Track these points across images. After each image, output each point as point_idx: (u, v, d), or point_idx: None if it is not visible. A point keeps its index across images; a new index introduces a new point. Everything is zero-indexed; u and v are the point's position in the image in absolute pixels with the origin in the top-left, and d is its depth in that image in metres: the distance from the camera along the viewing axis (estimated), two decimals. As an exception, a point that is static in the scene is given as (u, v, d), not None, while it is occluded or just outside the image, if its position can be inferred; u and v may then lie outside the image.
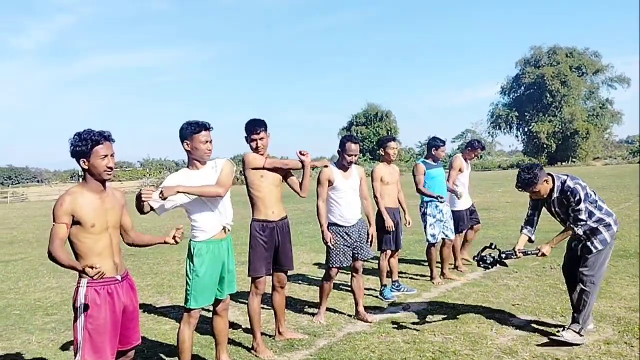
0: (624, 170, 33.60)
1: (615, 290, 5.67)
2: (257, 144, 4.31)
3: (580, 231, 4.19)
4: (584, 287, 4.24)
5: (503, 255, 4.37)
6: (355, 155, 4.99)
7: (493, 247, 4.39)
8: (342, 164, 5.01)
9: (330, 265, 5.04)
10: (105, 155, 2.89)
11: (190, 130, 3.64)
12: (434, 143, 6.46)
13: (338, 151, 5.06)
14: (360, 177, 5.16)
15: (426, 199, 6.41)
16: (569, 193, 4.19)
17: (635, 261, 7.02)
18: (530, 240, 4.54)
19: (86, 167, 2.89)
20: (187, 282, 3.69)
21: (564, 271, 4.70)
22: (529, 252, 4.38)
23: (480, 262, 4.42)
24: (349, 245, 5.01)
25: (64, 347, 4.69)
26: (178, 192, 3.46)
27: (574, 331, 4.18)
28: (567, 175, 4.28)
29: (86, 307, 2.87)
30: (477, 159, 7.40)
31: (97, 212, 2.91)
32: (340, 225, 4.99)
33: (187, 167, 3.77)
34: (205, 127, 3.66)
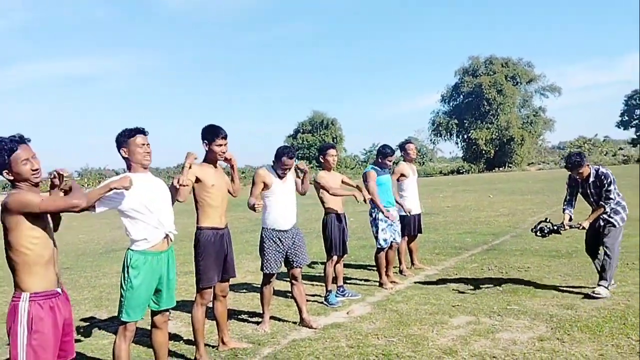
0: (557, 174, 35.33)
1: (548, 289, 5.93)
2: (221, 149, 4.25)
3: (609, 208, 5.48)
4: (608, 253, 5.51)
5: (555, 227, 5.64)
6: (289, 168, 5.02)
7: (547, 220, 5.78)
8: (277, 173, 5.01)
9: (264, 271, 5.04)
10: (27, 159, 2.75)
11: (126, 136, 3.54)
12: (384, 151, 6.53)
13: (273, 161, 5.05)
14: (294, 179, 5.22)
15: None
16: (603, 177, 5.47)
17: (565, 261, 7.38)
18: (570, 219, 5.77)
19: (12, 178, 2.75)
20: (121, 294, 3.54)
21: (587, 246, 5.89)
22: (574, 226, 5.63)
23: (539, 232, 5.71)
24: (281, 251, 5.01)
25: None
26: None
27: (604, 287, 5.43)
28: (598, 165, 5.71)
29: (30, 323, 2.72)
30: (416, 162, 7.54)
31: (39, 218, 2.77)
32: (274, 230, 4.99)
33: (129, 172, 3.62)
34: (140, 131, 3.57)
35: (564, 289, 5.89)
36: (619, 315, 4.81)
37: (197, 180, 4.19)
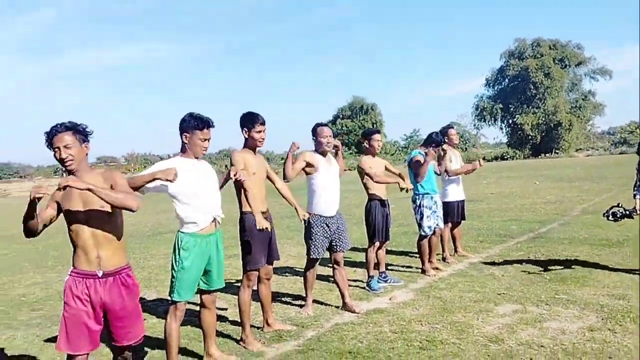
0: (606, 161, 34.08)
1: (598, 278, 5.76)
2: (260, 135, 4.31)
3: None
4: None
5: (628, 212, 5.79)
6: (330, 136, 4.99)
7: (619, 205, 5.93)
8: (319, 151, 5.02)
9: (310, 256, 5.07)
10: (58, 147, 2.89)
11: (193, 125, 3.62)
12: (437, 139, 6.44)
13: (313, 139, 5.04)
14: (340, 167, 5.21)
15: (421, 191, 6.41)
16: None
17: (616, 250, 7.14)
18: None
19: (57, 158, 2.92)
20: (172, 275, 3.67)
21: None
22: None
23: (611, 216, 5.90)
24: (327, 236, 5.03)
25: (50, 342, 4.65)
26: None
27: None
28: None
29: (64, 295, 2.92)
30: (458, 147, 7.41)
31: (71, 206, 2.90)
32: (320, 216, 5.00)
33: (181, 155, 3.72)
34: (208, 124, 3.65)
35: (615, 278, 5.70)
36: (675, 307, 4.63)
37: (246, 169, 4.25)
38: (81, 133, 2.93)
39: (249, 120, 4.33)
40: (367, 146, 5.96)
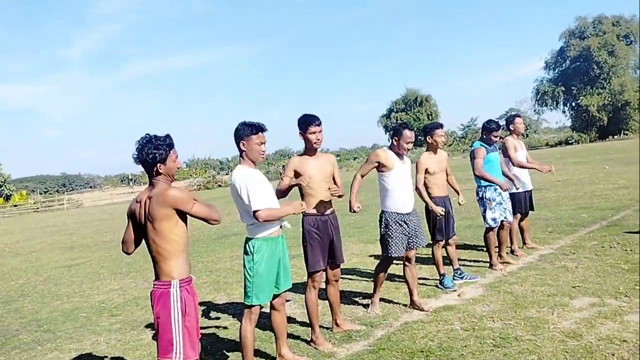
0: (682, 140, 31.99)
1: (682, 267, 5.43)
2: (316, 136, 4.34)
3: None
4: None
5: None
6: (412, 143, 4.92)
7: None
8: (397, 152, 4.94)
9: (389, 255, 4.98)
10: (176, 157, 3.12)
11: (247, 132, 3.72)
12: (488, 126, 6.29)
13: (394, 139, 4.94)
14: (410, 164, 5.13)
15: (484, 183, 6.26)
16: None
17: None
18: None
19: (162, 171, 3.07)
20: (246, 279, 3.77)
21: None
22: None
23: None
24: (406, 233, 4.97)
25: (131, 347, 4.88)
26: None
27: None
28: None
29: (183, 307, 3.01)
30: (522, 136, 7.11)
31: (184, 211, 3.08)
32: (399, 213, 4.94)
33: (242, 164, 3.82)
34: (261, 129, 3.74)
35: (702, 267, 5.36)
36: None
37: (297, 174, 4.31)
38: None
39: (304, 123, 4.37)
40: (429, 142, 5.83)
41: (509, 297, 5.08)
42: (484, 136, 6.32)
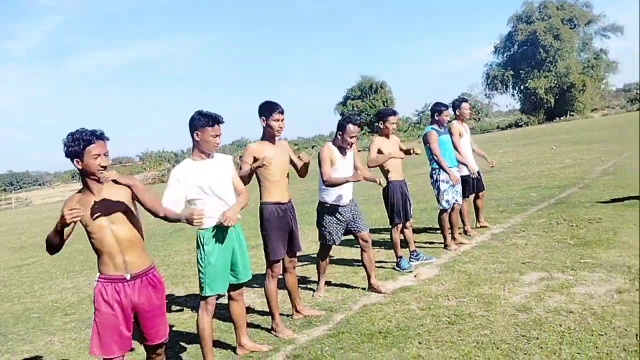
0: (623, 119, 33.49)
1: (623, 239, 5.72)
2: (279, 124, 4.29)
3: None
4: None
5: None
6: (356, 137, 4.96)
7: None
8: (341, 146, 4.97)
9: (325, 243, 5.12)
10: (98, 155, 2.86)
11: (203, 123, 3.63)
12: (437, 108, 6.44)
13: (338, 133, 4.98)
14: (353, 153, 5.15)
15: (437, 165, 6.37)
16: None
17: (641, 209, 7.04)
18: None
19: (80, 167, 2.89)
20: (199, 271, 3.73)
21: None
22: None
23: None
24: (341, 223, 5.05)
25: (87, 345, 4.75)
26: None
27: None
28: None
29: (94, 301, 2.98)
30: (470, 118, 7.38)
31: (91, 212, 2.90)
32: (335, 205, 5.01)
33: (191, 157, 3.74)
34: (217, 120, 3.66)
35: (641, 238, 5.65)
36: None
37: (255, 159, 4.27)
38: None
39: (267, 109, 4.31)
40: (382, 127, 5.91)
41: (463, 276, 5.23)
42: (435, 118, 6.45)
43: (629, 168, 10.90)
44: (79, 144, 2.83)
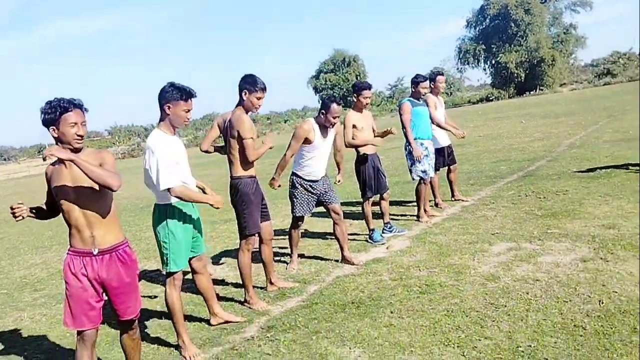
0: (590, 94, 34.17)
1: (588, 210, 5.88)
2: (259, 102, 4.24)
3: None
4: None
5: None
6: (339, 117, 4.95)
7: None
8: (324, 125, 4.97)
9: (295, 214, 5.16)
10: (75, 123, 2.79)
11: (176, 96, 3.51)
12: (415, 79, 6.45)
13: (321, 112, 4.95)
14: (335, 132, 5.17)
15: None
16: None
17: (605, 181, 7.25)
18: None
19: (56, 136, 2.82)
20: (162, 247, 3.66)
21: None
22: None
23: None
24: (312, 195, 5.09)
25: (58, 320, 4.71)
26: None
27: None
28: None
29: (65, 274, 2.95)
30: (443, 93, 7.35)
31: (60, 183, 2.86)
32: (306, 179, 5.04)
33: (160, 129, 3.61)
34: (190, 95, 3.55)
35: (605, 209, 5.83)
36: (663, 232, 4.76)
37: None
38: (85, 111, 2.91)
39: (252, 83, 4.23)
40: (355, 101, 5.88)
41: (434, 247, 5.33)
42: (413, 90, 6.48)
43: (596, 141, 11.17)
44: (55, 111, 2.77)
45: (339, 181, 5.66)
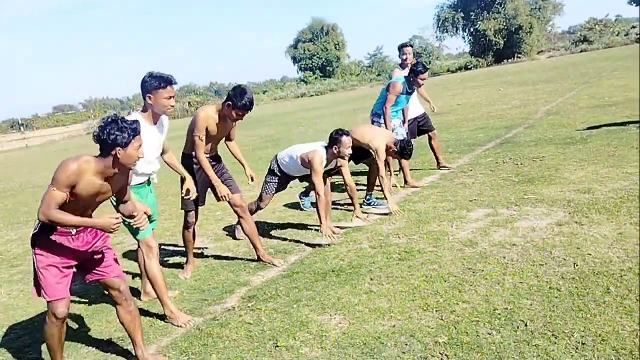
0: (567, 60, 34.37)
1: (564, 175, 5.97)
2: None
3: None
4: None
5: None
6: (350, 149, 4.91)
7: None
8: (337, 157, 4.96)
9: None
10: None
11: (155, 85, 3.52)
12: (416, 69, 6.26)
13: (333, 147, 4.88)
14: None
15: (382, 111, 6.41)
16: None
17: (581, 147, 7.34)
18: None
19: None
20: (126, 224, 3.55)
21: None
22: None
23: None
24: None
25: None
26: None
27: None
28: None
29: (38, 247, 2.93)
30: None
31: (91, 192, 2.90)
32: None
33: (141, 115, 3.63)
34: (169, 82, 3.54)
35: (580, 174, 5.91)
36: (636, 195, 4.86)
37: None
38: None
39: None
40: (412, 80, 6.25)
41: (413, 215, 5.37)
42: (411, 79, 6.33)
43: (572, 107, 11.28)
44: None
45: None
